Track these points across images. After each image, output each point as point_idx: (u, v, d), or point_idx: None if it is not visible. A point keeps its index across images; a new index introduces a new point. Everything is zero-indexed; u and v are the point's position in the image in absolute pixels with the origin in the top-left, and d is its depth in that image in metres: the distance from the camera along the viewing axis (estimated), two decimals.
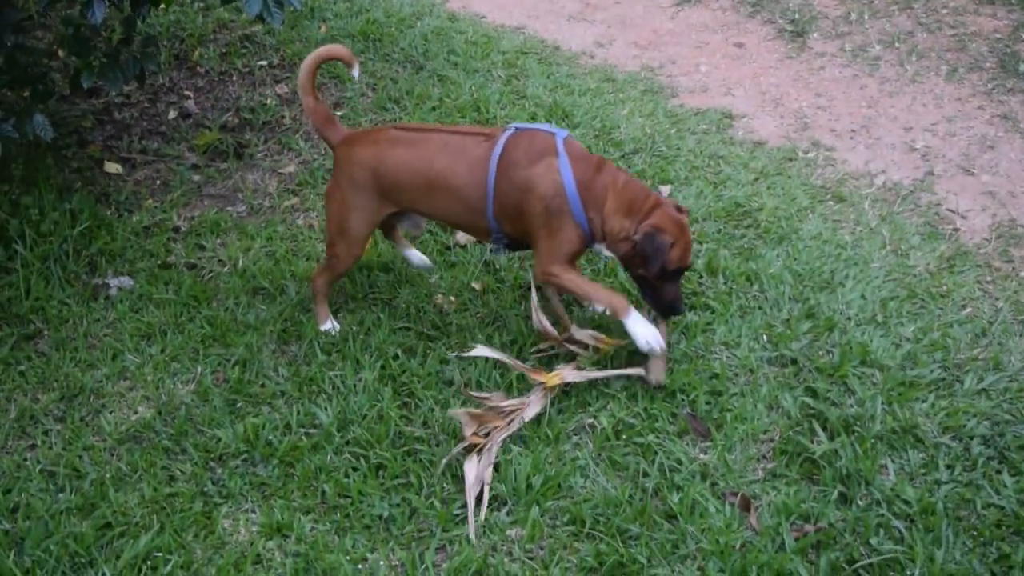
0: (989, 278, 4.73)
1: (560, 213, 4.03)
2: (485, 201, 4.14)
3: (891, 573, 3.42)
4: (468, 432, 3.89)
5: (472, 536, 3.60)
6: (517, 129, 4.17)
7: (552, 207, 4.03)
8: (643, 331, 4.03)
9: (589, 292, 4.10)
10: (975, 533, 3.52)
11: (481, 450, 3.85)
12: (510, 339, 4.40)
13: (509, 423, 3.98)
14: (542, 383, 4.06)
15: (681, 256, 4.03)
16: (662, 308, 4.18)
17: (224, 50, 6.78)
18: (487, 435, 3.90)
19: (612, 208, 4.04)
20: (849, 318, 4.38)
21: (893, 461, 3.79)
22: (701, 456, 3.90)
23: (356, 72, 4.47)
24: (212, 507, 3.80)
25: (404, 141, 4.26)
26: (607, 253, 4.15)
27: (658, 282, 4.07)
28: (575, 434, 4.02)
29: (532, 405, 4.03)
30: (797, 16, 6.98)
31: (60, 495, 3.85)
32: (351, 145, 4.33)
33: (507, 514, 3.72)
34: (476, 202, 4.17)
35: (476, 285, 4.74)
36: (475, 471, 3.80)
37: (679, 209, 4.11)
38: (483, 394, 4.07)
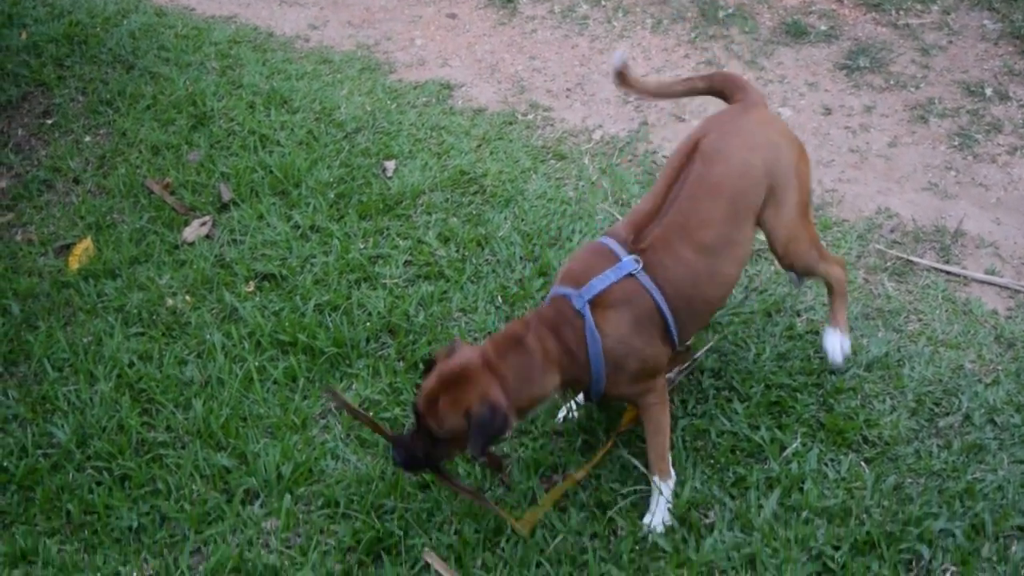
0: None
1: None
2: None
3: (641, 511, 3.55)
4: None
5: None
6: None
7: None
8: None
9: None
10: (712, 461, 3.68)
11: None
12: (247, 330, 4.36)
13: None
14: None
15: None
16: None
17: None
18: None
19: None
20: None
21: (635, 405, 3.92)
22: None
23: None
24: None
25: None
26: None
27: None
28: (322, 418, 4.02)
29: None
30: None
31: None
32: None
33: (260, 506, 3.70)
34: None
35: (171, 300, 4.64)
36: None
37: None
38: None
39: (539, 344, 3.32)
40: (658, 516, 3.50)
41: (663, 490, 3.50)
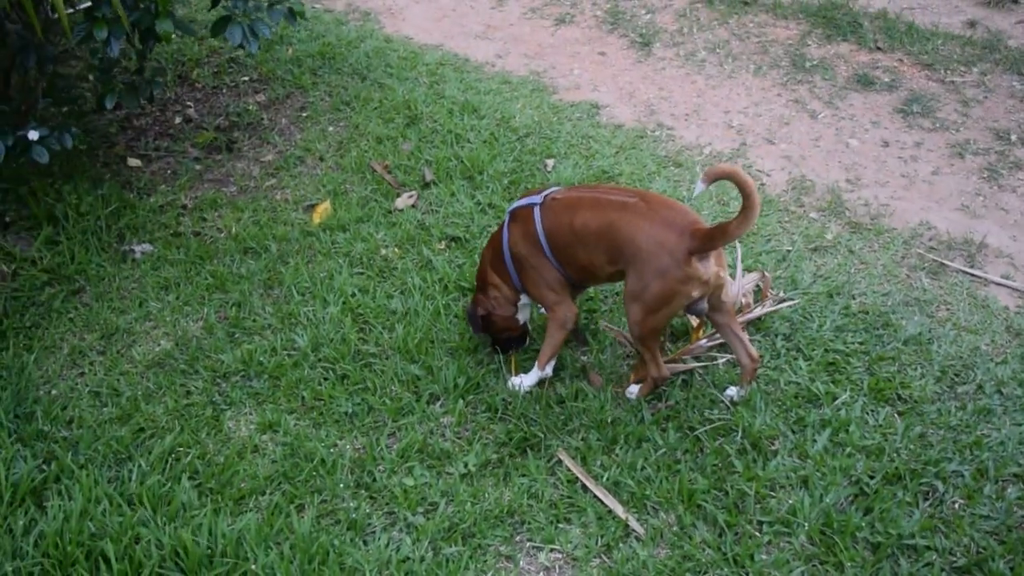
0: (787, 219, 4.77)
1: None
2: None
3: (722, 436, 3.48)
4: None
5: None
6: None
7: None
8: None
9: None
10: (780, 403, 3.59)
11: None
12: (438, 277, 4.37)
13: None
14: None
15: None
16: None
17: (216, 70, 6.59)
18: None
19: None
20: None
21: (720, 354, 3.83)
22: (583, 358, 3.92)
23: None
24: (219, 412, 3.75)
25: None
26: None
27: None
28: (487, 346, 4.00)
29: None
30: (644, 31, 6.93)
31: (104, 409, 3.78)
32: None
33: (440, 406, 3.72)
34: None
35: (384, 251, 4.64)
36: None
37: None
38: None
39: (487, 251, 3.76)
40: (526, 381, 3.72)
41: (534, 376, 3.71)
